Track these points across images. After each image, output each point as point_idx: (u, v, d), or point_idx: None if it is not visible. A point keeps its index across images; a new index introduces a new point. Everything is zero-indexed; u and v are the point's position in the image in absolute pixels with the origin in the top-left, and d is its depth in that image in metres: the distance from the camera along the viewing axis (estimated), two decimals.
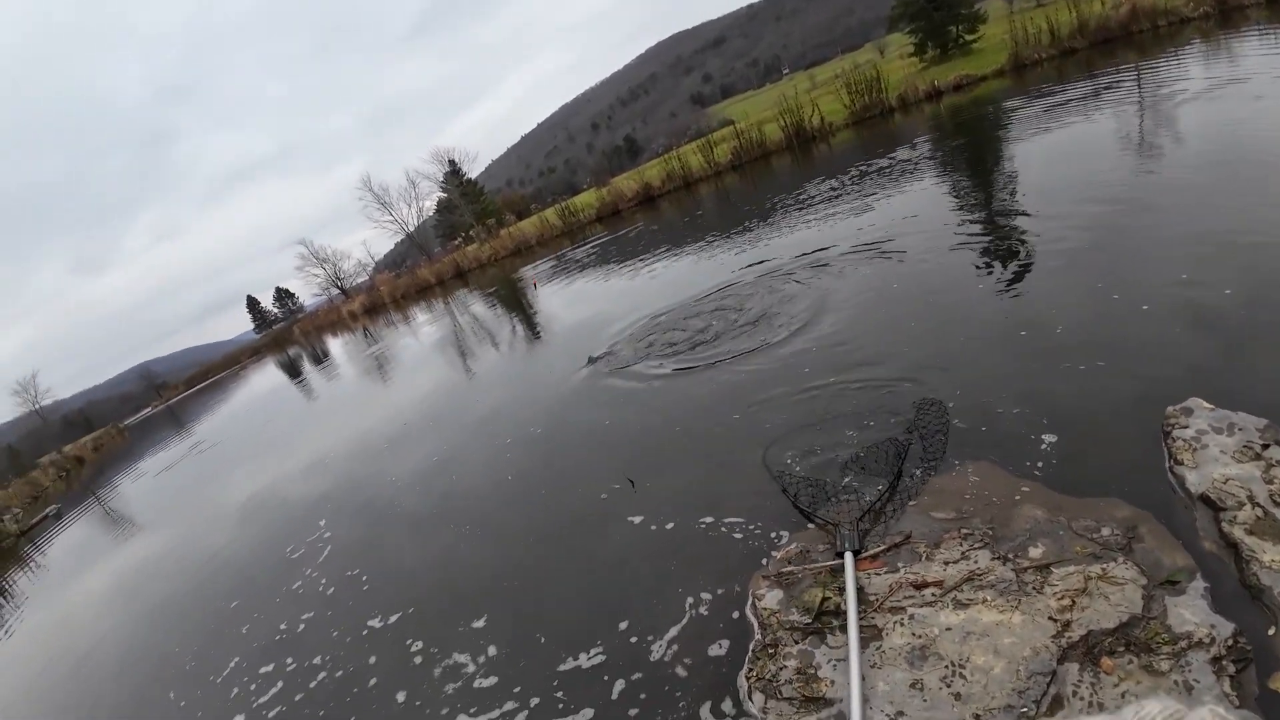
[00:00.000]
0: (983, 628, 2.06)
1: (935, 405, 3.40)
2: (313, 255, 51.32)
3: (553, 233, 29.36)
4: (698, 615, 2.78)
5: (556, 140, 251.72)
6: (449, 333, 15.69)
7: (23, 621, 8.57)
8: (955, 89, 18.97)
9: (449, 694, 3.02)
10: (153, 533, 9.82)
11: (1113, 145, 7.15)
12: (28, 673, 6.38)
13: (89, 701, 4.93)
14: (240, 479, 10.09)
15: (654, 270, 10.78)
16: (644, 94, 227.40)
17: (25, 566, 12.95)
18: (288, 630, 4.38)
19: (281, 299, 76.68)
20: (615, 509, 3.94)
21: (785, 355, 5.02)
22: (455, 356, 11.94)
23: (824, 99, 23.33)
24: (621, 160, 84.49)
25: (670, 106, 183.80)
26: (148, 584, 7.23)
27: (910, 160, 10.82)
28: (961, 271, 5.22)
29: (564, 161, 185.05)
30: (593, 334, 8.16)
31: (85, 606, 7.63)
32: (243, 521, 7.53)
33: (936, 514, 2.66)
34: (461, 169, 51.26)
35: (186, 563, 7.17)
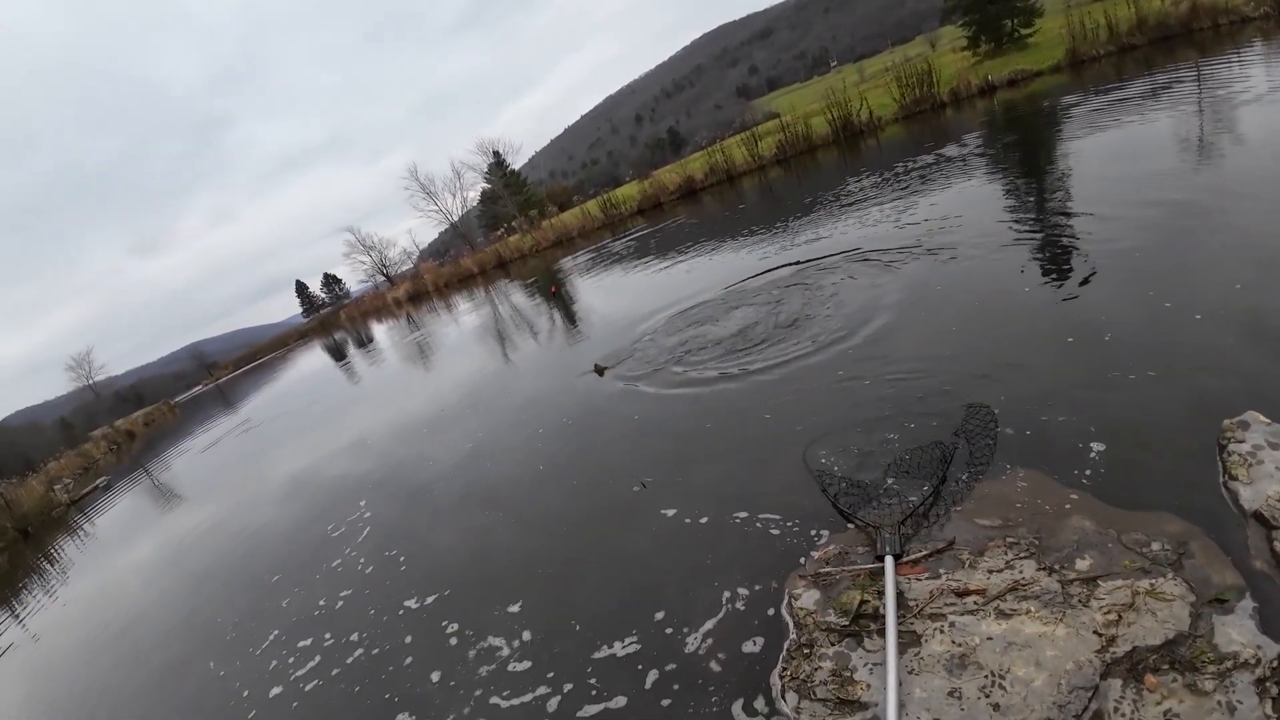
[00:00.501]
0: (1025, 639, 2.03)
1: (983, 410, 3.32)
2: (360, 243, 52.41)
3: (594, 224, 29.39)
4: (732, 611, 2.78)
5: (600, 132, 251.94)
6: (488, 321, 15.89)
7: (71, 587, 8.99)
8: (1009, 84, 18.46)
9: (483, 676, 3.08)
10: (199, 506, 10.16)
11: (1170, 146, 6.90)
12: (76, 636, 6.71)
13: (133, 666, 5.16)
14: (285, 457, 10.39)
15: (692, 264, 10.74)
16: (689, 86, 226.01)
17: (75, 535, 13.56)
18: (326, 606, 4.51)
19: (329, 284, 78.58)
20: (649, 501, 3.96)
21: (826, 353, 4.97)
22: (494, 344, 12.10)
23: (873, 92, 22.94)
24: (664, 153, 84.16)
25: (715, 99, 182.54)
26: (193, 555, 7.52)
27: (961, 157, 10.59)
28: (1011, 272, 5.09)
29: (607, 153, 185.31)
30: (629, 326, 8.21)
31: (132, 574, 7.97)
32: (286, 498, 7.77)
33: (981, 521, 2.61)
34: (505, 160, 51.75)
35: (231, 536, 7.42)
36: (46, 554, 12.83)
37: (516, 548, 4.17)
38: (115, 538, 11.37)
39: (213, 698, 4.03)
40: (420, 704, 3.09)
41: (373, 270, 52.94)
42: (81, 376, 59.42)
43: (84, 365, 59.48)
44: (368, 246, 52.49)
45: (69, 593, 8.79)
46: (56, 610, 8.22)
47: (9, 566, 13.60)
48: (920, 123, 18.15)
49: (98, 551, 10.96)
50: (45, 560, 12.20)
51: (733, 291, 7.73)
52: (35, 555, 13.35)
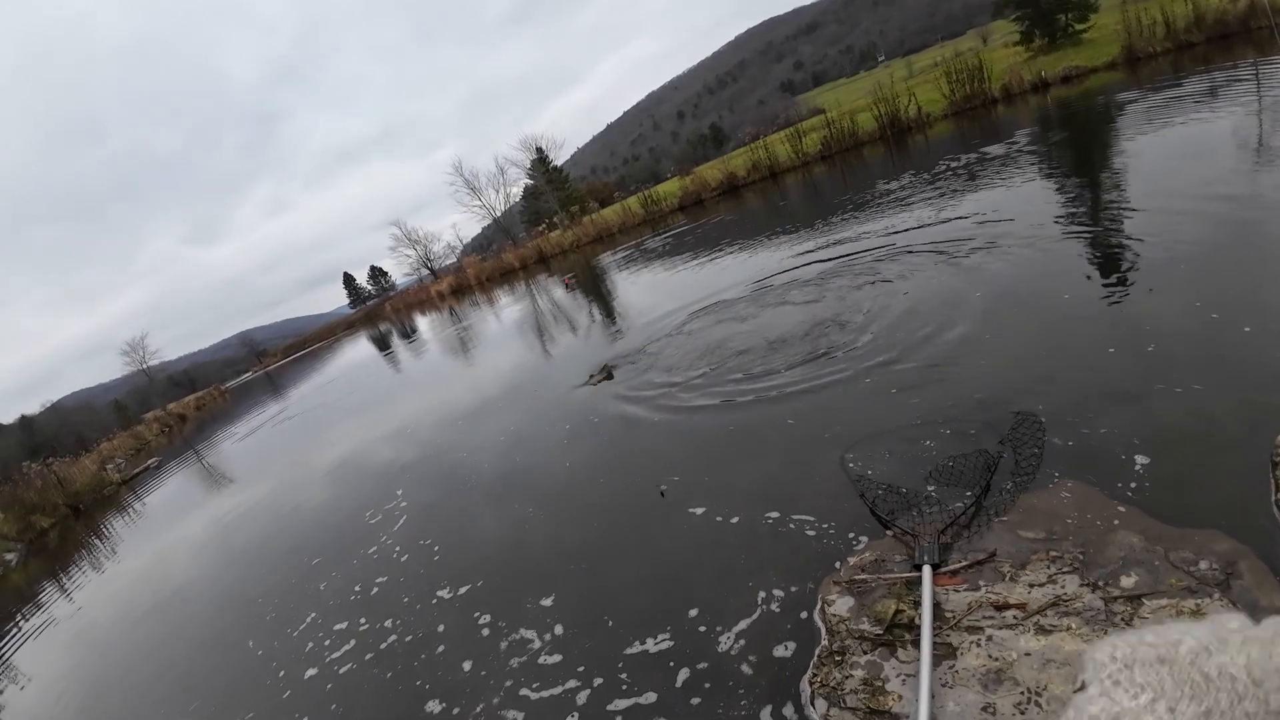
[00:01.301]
0: (1065, 656, 1.97)
1: (1031, 419, 3.22)
2: (405, 236, 53.38)
3: (634, 220, 29.47)
4: (765, 613, 2.76)
5: (642, 128, 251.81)
6: (527, 315, 16.06)
7: (120, 563, 9.38)
8: (1063, 81, 17.91)
9: (514, 667, 3.11)
10: (245, 488, 10.50)
11: (1228, 147, 6.61)
12: (123, 609, 7.01)
13: (176, 641, 5.39)
14: (328, 443, 10.67)
15: (728, 261, 10.68)
16: (732, 81, 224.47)
17: (124, 513, 14.12)
18: (362, 592, 4.62)
19: (375, 277, 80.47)
20: (682, 500, 3.94)
21: (865, 355, 4.88)
22: (531, 339, 12.22)
23: (922, 88, 22.47)
24: (706, 149, 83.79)
25: (759, 94, 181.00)
26: (237, 535, 7.79)
27: (1011, 155, 10.32)
28: (1059, 274, 4.93)
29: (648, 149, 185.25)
30: (660, 321, 8.22)
31: (179, 552, 8.29)
32: (328, 483, 7.97)
33: (1025, 533, 2.54)
34: (548, 156, 52.08)
35: (275, 517, 7.66)
36: (96, 530, 13.40)
37: (550, 542, 4.20)
38: (163, 516, 11.81)
39: (250, 676, 4.16)
40: (451, 692, 3.14)
41: (417, 263, 53.93)
42: (136, 361, 61.61)
43: (139, 350, 61.67)
44: (413, 240, 53.46)
45: (117, 568, 9.18)
46: (104, 584, 8.59)
47: (59, 542, 14.25)
48: (970, 119, 17.75)
49: (146, 529, 11.40)
50: (94, 536, 12.75)
51: (767, 289, 7.68)
52: (85, 531, 13.94)
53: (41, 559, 13.10)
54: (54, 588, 9.70)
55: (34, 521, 15.81)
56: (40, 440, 53.09)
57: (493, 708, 2.91)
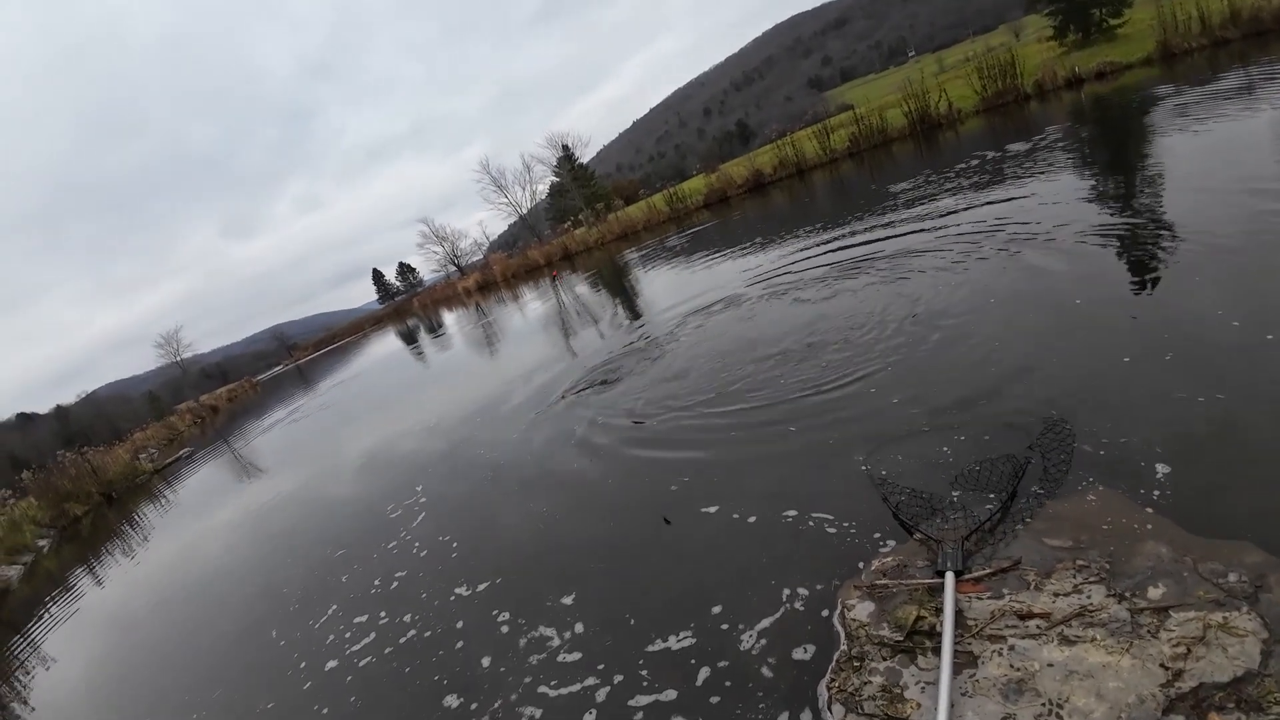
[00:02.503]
0: (1088, 668, 1.93)
1: (1061, 425, 3.14)
2: (433, 233, 54.04)
3: (659, 218, 29.40)
4: (785, 614, 2.74)
5: (667, 125, 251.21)
6: (552, 311, 16.14)
7: (150, 550, 9.62)
8: (1098, 77, 17.49)
9: (533, 664, 3.12)
10: (272, 479, 10.72)
11: (1266, 147, 6.41)
12: (153, 595, 7.24)
13: (203, 629, 5.53)
14: (353, 435, 10.85)
15: (754, 256, 10.60)
16: (759, 78, 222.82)
17: (156, 501, 14.46)
18: (381, 586, 4.68)
19: (403, 273, 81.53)
20: (701, 499, 3.92)
21: (889, 356, 4.81)
22: (556, 334, 12.25)
23: (952, 84, 22.11)
24: (733, 146, 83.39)
25: (786, 90, 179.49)
26: (264, 525, 7.96)
27: (1044, 152, 10.10)
28: (1092, 277, 4.80)
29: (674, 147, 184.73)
30: (679, 316, 8.20)
31: (208, 541, 8.49)
32: (351, 476, 8.10)
33: (1051, 541, 2.49)
34: (574, 153, 52.23)
35: (301, 508, 7.82)
36: (128, 518, 13.75)
37: (569, 540, 4.21)
38: (194, 505, 12.09)
39: (272, 666, 4.24)
40: (469, 688, 3.16)
41: (444, 260, 54.56)
42: (170, 353, 63.02)
43: (172, 343, 63.07)
44: (440, 237, 54.08)
45: (148, 555, 9.41)
46: (135, 571, 8.82)
47: (92, 529, 14.64)
48: (1002, 116, 17.44)
49: (177, 518, 11.68)
50: (127, 524, 13.08)
51: (787, 286, 7.62)
52: (117, 519, 14.30)
53: (74, 545, 13.46)
54: (85, 573, 9.98)
55: (67, 509, 16.24)
56: (75, 430, 54.57)
57: (510, 704, 2.92)
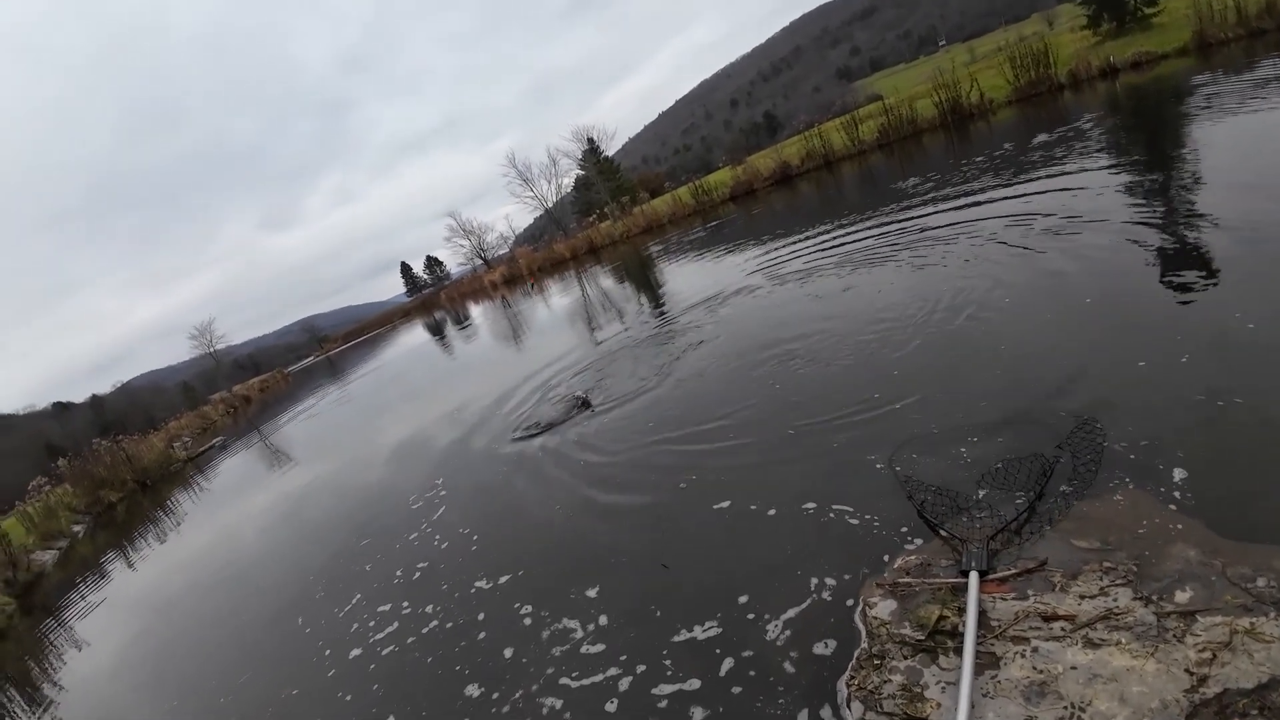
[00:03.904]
0: (1112, 672, 1.90)
1: (1091, 425, 3.07)
2: (460, 227, 54.37)
3: (684, 211, 29.30)
4: (806, 610, 2.73)
5: (694, 117, 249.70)
6: (577, 304, 16.20)
7: (183, 537, 9.88)
8: (1133, 67, 17.04)
9: (555, 655, 3.15)
10: (301, 468, 10.94)
11: None
12: (183, 582, 7.46)
13: (230, 615, 5.70)
14: (378, 427, 11.03)
15: (777, 249, 10.50)
16: (786, 68, 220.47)
17: (189, 489, 14.80)
18: (403, 576, 4.75)
19: (431, 266, 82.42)
20: (725, 494, 3.92)
21: (917, 349, 4.75)
22: (582, 326, 12.30)
23: (984, 73, 21.71)
24: (759, 137, 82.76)
25: (814, 81, 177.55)
26: (294, 513, 8.14)
27: (1078, 143, 9.88)
28: (1127, 274, 4.67)
29: (700, 139, 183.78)
30: (696, 308, 8.18)
31: (238, 529, 8.70)
32: (375, 467, 8.23)
33: (1078, 542, 2.44)
34: (599, 146, 52.16)
35: (327, 498, 7.97)
36: (162, 505, 14.10)
37: (592, 534, 4.23)
38: (225, 493, 12.37)
39: (298, 652, 4.35)
40: (491, 678, 3.20)
41: (471, 254, 54.88)
42: (203, 344, 64.17)
43: (206, 334, 64.20)
44: (467, 231, 54.41)
45: (180, 541, 9.67)
46: (167, 557, 9.08)
47: (126, 515, 15.03)
48: (1036, 106, 17.09)
49: (209, 505, 11.96)
50: (160, 511, 13.41)
51: (812, 275, 7.55)
52: (151, 506, 14.67)
53: (109, 531, 13.85)
54: (119, 559, 10.28)
55: (102, 495, 16.69)
56: (111, 418, 56.05)
57: (532, 694, 2.96)
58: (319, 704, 3.66)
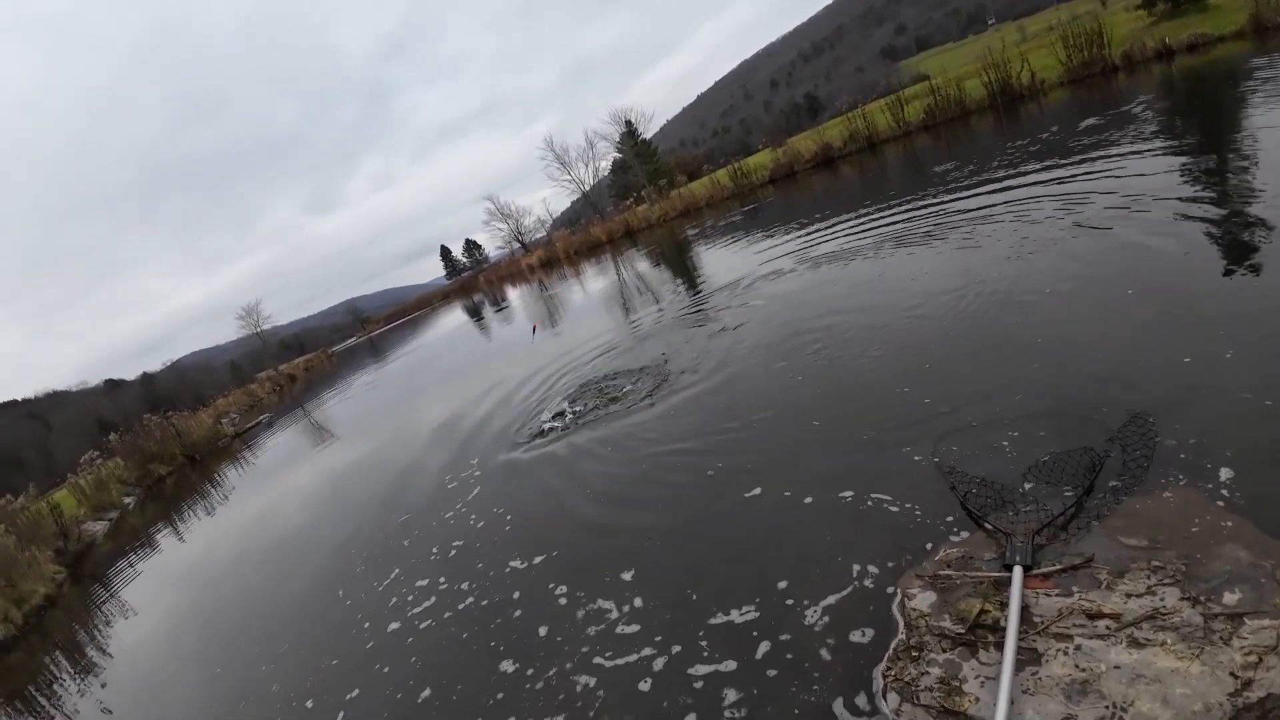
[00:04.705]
0: (1156, 672, 1.86)
1: (1143, 420, 2.97)
2: (498, 210, 54.79)
3: (723, 194, 29.01)
4: (844, 598, 2.72)
5: (733, 98, 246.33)
6: (612, 288, 16.25)
7: (230, 510, 10.22)
8: (1189, 49, 16.28)
9: (590, 635, 3.19)
10: (344, 445, 11.23)
11: None
12: (232, 550, 7.78)
13: (277, 584, 5.93)
14: (417, 406, 11.33)
15: (823, 233, 10.35)
16: (829, 48, 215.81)
17: (236, 463, 15.31)
18: (440, 553, 4.85)
19: (470, 250, 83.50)
20: (763, 479, 3.90)
21: (963, 336, 4.65)
22: (616, 311, 12.33)
23: (1035, 53, 20.98)
24: (800, 119, 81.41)
25: (857, 61, 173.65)
26: (336, 488, 8.38)
27: (1134, 127, 9.51)
28: (1184, 264, 4.47)
29: (739, 120, 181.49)
30: (732, 290, 8.11)
31: (283, 502, 9.00)
32: (413, 445, 8.40)
33: (1126, 540, 2.38)
34: (637, 129, 51.92)
35: (367, 474, 8.16)
36: (210, 479, 14.60)
37: (626, 517, 4.26)
38: (271, 468, 12.79)
39: (339, 624, 4.49)
40: (525, 655, 3.26)
41: (509, 237, 55.30)
42: (250, 325, 65.95)
43: (253, 315, 65.96)
44: (505, 215, 54.80)
45: (227, 514, 10.02)
46: (214, 528, 9.43)
47: (175, 488, 15.59)
48: (1088, 88, 16.47)
49: (255, 479, 12.37)
50: (208, 484, 13.90)
51: (854, 258, 7.43)
52: (200, 479, 15.20)
53: (158, 503, 14.40)
54: (168, 530, 10.70)
55: (152, 469, 17.34)
56: (160, 395, 58.08)
57: (565, 672, 3.01)
58: (358, 675, 3.77)
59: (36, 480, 23.54)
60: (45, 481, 26.89)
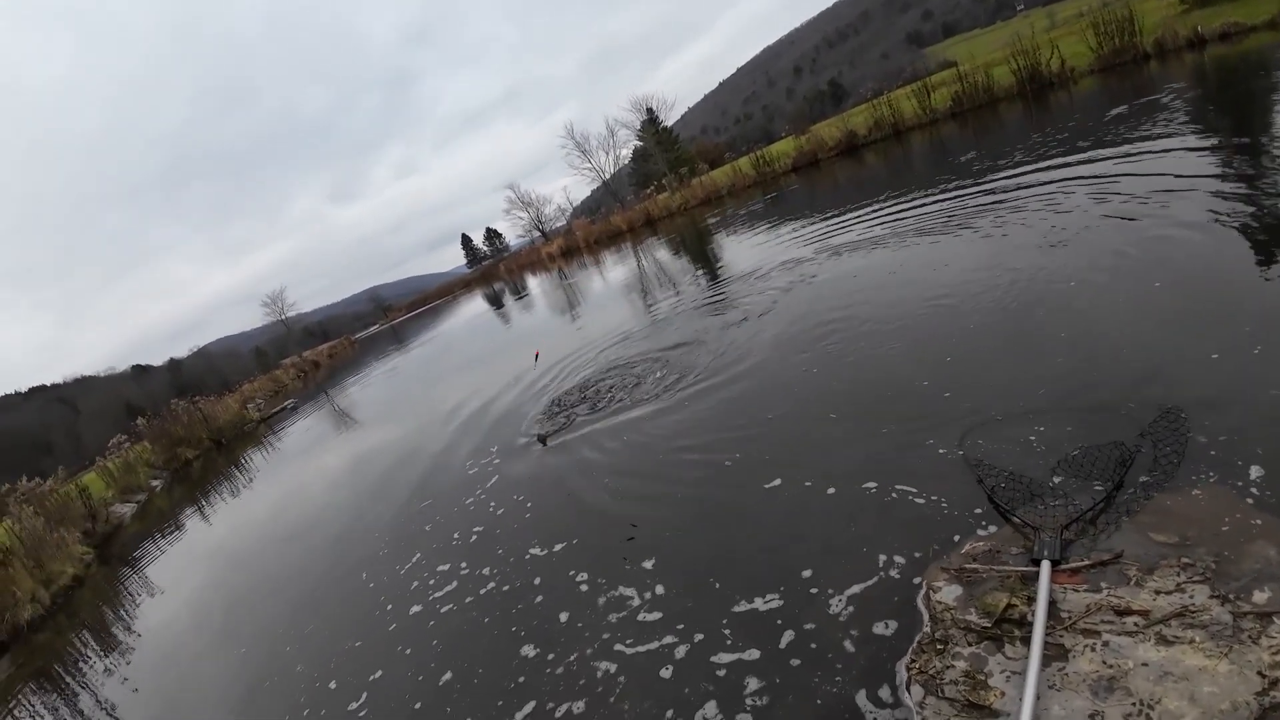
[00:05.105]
0: (1184, 671, 1.84)
1: (1174, 413, 2.91)
2: (519, 199, 54.98)
3: (745, 182, 28.80)
4: (868, 589, 2.71)
5: (756, 85, 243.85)
6: (632, 276, 16.25)
7: (256, 492, 10.42)
8: (1221, 38, 15.83)
9: (611, 622, 3.21)
10: (366, 430, 11.43)
11: None
12: (257, 533, 7.96)
13: (301, 565, 6.03)
14: (439, 393, 11.36)
15: (846, 221, 10.23)
16: (853, 34, 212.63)
17: (262, 447, 15.58)
18: (461, 539, 4.90)
19: (490, 238, 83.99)
20: (786, 470, 3.88)
21: (991, 326, 4.57)
22: (635, 300, 12.33)
23: (1065, 40, 20.53)
24: (824, 106, 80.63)
25: (882, 47, 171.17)
26: (359, 471, 8.51)
27: (1165, 115, 9.28)
28: (1218, 255, 4.33)
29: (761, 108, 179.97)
30: (755, 281, 8.07)
31: (308, 485, 9.18)
32: (434, 431, 8.48)
33: (1156, 536, 2.35)
34: (658, 117, 51.65)
35: (390, 458, 8.26)
36: (236, 462, 14.86)
37: (648, 508, 4.24)
38: (295, 452, 12.98)
39: (362, 606, 4.56)
40: (546, 640, 3.29)
41: (530, 226, 55.48)
42: (275, 312, 67.08)
43: (278, 302, 67.06)
44: (526, 203, 54.98)
45: (252, 497, 10.20)
46: (239, 510, 9.62)
47: (202, 471, 15.90)
48: (1120, 76, 16.11)
49: (280, 463, 12.57)
50: (234, 467, 14.15)
51: (876, 249, 7.34)
52: (226, 463, 15.48)
53: (184, 486, 14.69)
54: (194, 512, 10.91)
55: (179, 453, 17.69)
56: (187, 381, 59.25)
57: (586, 657, 3.03)
58: (380, 656, 3.83)
59: (65, 463, 24.09)
60: (74, 465, 27.50)
